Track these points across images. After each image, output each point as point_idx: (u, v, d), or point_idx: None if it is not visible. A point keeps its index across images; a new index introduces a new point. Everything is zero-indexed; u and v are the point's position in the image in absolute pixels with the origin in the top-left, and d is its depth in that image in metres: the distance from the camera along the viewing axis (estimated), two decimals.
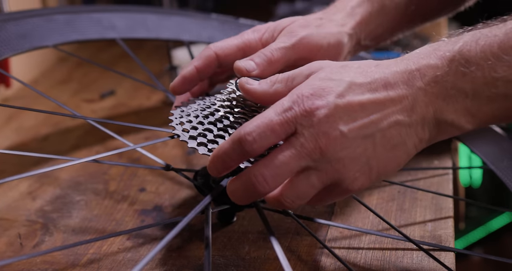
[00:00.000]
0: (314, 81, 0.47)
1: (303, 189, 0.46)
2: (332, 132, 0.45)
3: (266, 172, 0.45)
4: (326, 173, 0.46)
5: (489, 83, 0.45)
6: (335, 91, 0.46)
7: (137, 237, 0.59)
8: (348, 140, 0.45)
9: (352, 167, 0.46)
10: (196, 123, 0.55)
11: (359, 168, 0.46)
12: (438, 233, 0.58)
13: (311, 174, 0.46)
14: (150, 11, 0.81)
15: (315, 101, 0.46)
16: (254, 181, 0.46)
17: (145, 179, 0.70)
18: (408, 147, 0.47)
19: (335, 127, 0.45)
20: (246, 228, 0.61)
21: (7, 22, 0.70)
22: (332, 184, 0.47)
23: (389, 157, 0.47)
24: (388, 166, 0.47)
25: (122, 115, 0.87)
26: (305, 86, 0.47)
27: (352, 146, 0.45)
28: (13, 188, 0.69)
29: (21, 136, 0.82)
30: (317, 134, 0.45)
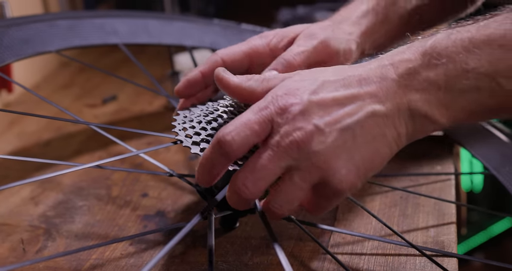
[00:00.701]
0: (288, 83, 0.47)
1: (288, 192, 0.45)
2: (307, 126, 0.44)
3: (247, 176, 0.45)
4: (308, 171, 0.45)
5: (460, 75, 0.45)
6: (308, 89, 0.46)
7: (139, 243, 0.59)
8: (325, 133, 0.45)
9: (334, 162, 0.45)
10: (199, 129, 0.55)
11: (342, 163, 0.45)
12: (441, 238, 0.58)
13: (293, 174, 0.45)
14: (152, 17, 0.81)
15: (289, 99, 0.45)
16: (237, 187, 0.45)
17: (148, 184, 0.70)
18: (388, 139, 0.46)
19: (309, 121, 0.45)
20: (249, 233, 0.61)
21: (10, 27, 0.70)
22: (320, 184, 0.46)
23: (372, 150, 0.46)
24: (374, 161, 0.46)
25: (124, 120, 0.87)
26: (280, 88, 0.47)
27: (330, 140, 0.45)
28: (16, 194, 0.69)
29: (23, 141, 0.82)
30: (292, 130, 0.44)
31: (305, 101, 0.45)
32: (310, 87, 0.46)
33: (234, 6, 1.34)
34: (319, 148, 0.44)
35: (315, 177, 0.45)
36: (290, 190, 0.45)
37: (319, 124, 0.45)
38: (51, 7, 1.03)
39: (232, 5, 1.35)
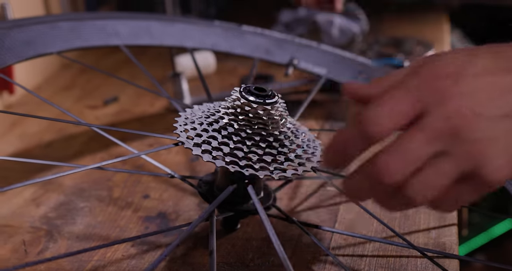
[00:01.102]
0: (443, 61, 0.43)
1: (431, 178, 0.41)
2: (465, 110, 0.40)
3: (389, 159, 0.40)
4: (461, 158, 0.40)
5: None
6: (469, 70, 0.42)
7: (141, 244, 0.59)
8: (485, 119, 0.40)
9: (492, 150, 0.40)
10: (200, 130, 0.55)
11: (499, 153, 0.40)
12: (442, 240, 0.58)
13: (442, 160, 0.41)
14: (154, 18, 0.81)
15: (447, 80, 0.41)
16: (376, 169, 0.41)
17: (149, 185, 0.70)
18: None
19: (470, 107, 0.40)
20: (250, 234, 0.61)
21: (11, 29, 0.70)
22: (469, 173, 0.41)
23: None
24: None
25: (125, 122, 0.87)
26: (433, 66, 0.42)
27: (490, 126, 0.40)
28: (18, 195, 0.69)
29: (25, 142, 0.82)
30: (449, 113, 0.40)
31: (466, 84, 0.41)
32: (471, 69, 0.42)
33: (235, 8, 1.34)
34: (477, 135, 0.40)
35: (467, 165, 0.41)
36: (434, 177, 0.41)
37: (482, 111, 0.41)
38: (52, 9, 1.03)
39: (233, 6, 1.35)
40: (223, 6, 1.29)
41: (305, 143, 0.58)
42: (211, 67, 1.01)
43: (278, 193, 0.67)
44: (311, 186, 0.69)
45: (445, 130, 0.40)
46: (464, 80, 0.41)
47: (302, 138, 0.58)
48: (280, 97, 0.56)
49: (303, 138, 0.58)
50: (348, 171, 0.46)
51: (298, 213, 0.64)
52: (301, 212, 0.64)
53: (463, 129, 0.40)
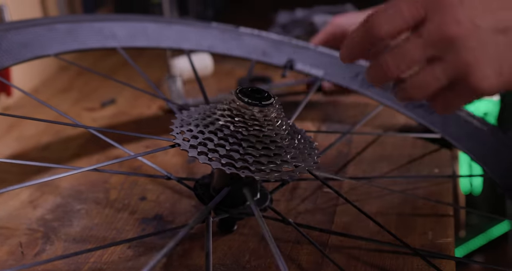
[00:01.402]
0: None
1: (426, 79, 0.45)
2: (464, 22, 0.43)
3: (389, 58, 0.45)
4: (452, 64, 0.44)
5: None
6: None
7: (137, 246, 0.59)
8: (482, 32, 0.43)
9: (482, 60, 0.43)
10: (196, 132, 0.55)
11: (490, 62, 0.43)
12: (439, 241, 0.58)
13: (436, 64, 0.44)
14: (151, 20, 0.81)
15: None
16: (379, 63, 0.46)
17: (146, 187, 0.70)
18: None
19: (469, 17, 0.43)
20: (247, 236, 0.61)
21: (8, 31, 0.70)
22: (458, 79, 0.44)
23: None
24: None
25: (122, 124, 0.88)
26: None
27: (484, 37, 0.43)
28: (14, 197, 0.69)
29: (22, 144, 0.82)
30: (448, 22, 0.43)
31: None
32: None
33: (232, 9, 1.34)
34: (471, 45, 0.43)
35: (458, 71, 0.44)
36: (428, 77, 0.45)
37: (479, 22, 0.43)
38: (50, 11, 1.03)
39: (231, 8, 1.35)
40: (221, 7, 1.29)
41: (301, 144, 0.58)
42: (208, 69, 1.01)
43: (275, 195, 0.67)
44: (308, 188, 0.69)
45: (441, 37, 0.43)
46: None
47: (298, 139, 0.58)
48: (276, 99, 0.56)
49: (299, 139, 0.58)
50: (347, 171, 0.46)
51: (295, 215, 0.64)
52: (298, 213, 0.64)
53: (458, 38, 0.43)
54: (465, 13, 0.43)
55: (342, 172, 0.72)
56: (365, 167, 0.72)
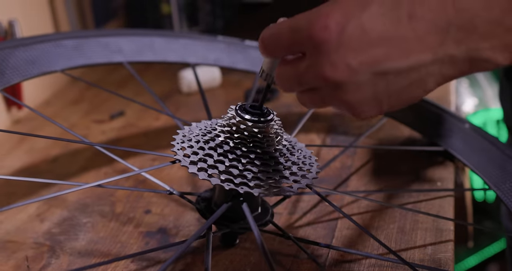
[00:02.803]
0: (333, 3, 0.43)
1: (309, 101, 0.47)
2: (339, 64, 0.42)
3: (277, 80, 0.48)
4: (329, 100, 0.45)
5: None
6: (353, 16, 0.42)
7: (141, 260, 0.60)
8: (357, 75, 0.42)
9: (358, 99, 0.44)
10: (197, 148, 0.56)
11: (367, 101, 0.44)
12: (438, 256, 0.59)
13: (315, 94, 0.46)
14: (157, 34, 0.82)
15: (328, 26, 0.42)
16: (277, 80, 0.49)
17: (151, 200, 0.71)
18: (428, 84, 0.43)
19: (344, 59, 0.42)
20: (248, 250, 0.61)
21: (16, 48, 0.71)
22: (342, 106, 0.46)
23: (404, 94, 0.43)
24: (402, 101, 0.44)
25: (131, 136, 0.89)
26: (322, 9, 0.43)
27: (360, 81, 0.43)
28: (22, 210, 0.70)
29: (32, 157, 0.84)
30: (324, 64, 0.43)
31: (344, 32, 0.42)
32: (355, 13, 0.42)
33: (241, 21, 1.35)
34: (346, 87, 0.43)
35: (335, 104, 0.46)
36: (309, 101, 0.47)
37: (353, 64, 0.42)
38: (61, 25, 1.05)
39: (240, 19, 1.36)
40: (231, 18, 1.30)
41: (300, 160, 0.58)
42: (216, 80, 1.02)
43: (278, 208, 0.68)
44: (310, 201, 0.69)
45: (316, 77, 0.44)
46: (346, 31, 0.42)
47: (297, 154, 0.59)
48: (276, 114, 0.57)
49: (299, 155, 0.59)
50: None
51: (296, 228, 0.65)
52: (299, 227, 0.65)
53: (333, 80, 0.43)
54: (341, 56, 0.42)
55: (344, 184, 0.72)
56: (368, 180, 0.73)
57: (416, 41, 0.41)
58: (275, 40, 0.46)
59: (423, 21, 0.41)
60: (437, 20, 0.41)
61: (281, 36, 0.45)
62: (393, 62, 0.42)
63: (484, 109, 1.49)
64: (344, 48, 0.42)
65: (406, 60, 0.42)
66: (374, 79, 0.43)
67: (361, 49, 0.42)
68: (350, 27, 0.42)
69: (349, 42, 0.42)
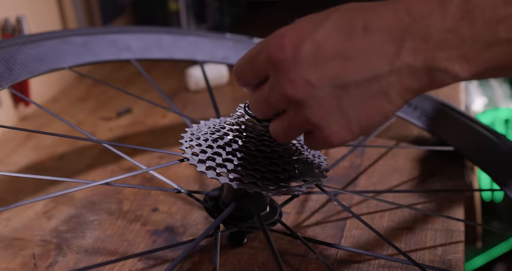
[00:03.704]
0: (295, 24, 0.45)
1: (280, 130, 0.48)
2: (298, 81, 0.43)
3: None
4: (297, 122, 0.45)
5: (491, 27, 0.40)
6: (307, 34, 0.43)
7: (148, 259, 0.60)
8: (317, 89, 0.43)
9: (324, 117, 0.44)
10: (205, 146, 0.56)
11: (334, 119, 0.44)
12: (448, 257, 0.58)
13: (284, 118, 0.46)
14: (165, 32, 0.82)
15: (283, 45, 0.43)
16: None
17: (158, 198, 0.71)
18: (391, 96, 0.43)
19: (301, 76, 0.43)
20: (256, 249, 0.61)
21: (25, 44, 0.71)
22: (312, 131, 0.46)
23: (370, 108, 0.43)
24: (371, 117, 0.44)
25: (138, 133, 0.88)
26: (278, 31, 0.45)
27: (321, 96, 0.43)
28: (29, 208, 0.70)
29: (39, 154, 0.84)
30: (283, 83, 0.43)
31: (300, 50, 0.43)
32: (309, 32, 0.43)
33: (250, 17, 1.34)
34: (309, 103, 0.43)
35: (304, 127, 0.46)
36: (281, 129, 0.47)
37: (312, 79, 0.43)
38: (68, 21, 1.05)
39: (248, 16, 1.35)
40: (239, 16, 1.29)
41: (309, 159, 0.58)
42: (224, 78, 1.01)
43: (287, 207, 0.67)
44: (319, 200, 0.69)
45: (278, 97, 0.44)
46: (301, 48, 0.43)
47: (307, 153, 0.58)
48: None
49: (308, 154, 0.58)
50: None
51: (305, 228, 0.64)
52: (308, 227, 0.64)
53: (295, 98, 0.43)
54: (299, 73, 0.43)
55: (353, 184, 0.72)
56: (377, 179, 0.72)
57: (372, 52, 0.42)
58: (241, 69, 0.48)
59: (379, 31, 0.42)
60: (392, 29, 0.41)
61: (245, 64, 0.47)
62: (351, 75, 0.42)
63: (492, 109, 1.48)
64: (301, 65, 0.43)
65: (364, 71, 0.42)
66: (334, 92, 0.43)
67: (318, 65, 0.42)
68: (305, 45, 0.43)
69: (306, 59, 0.43)
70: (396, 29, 0.41)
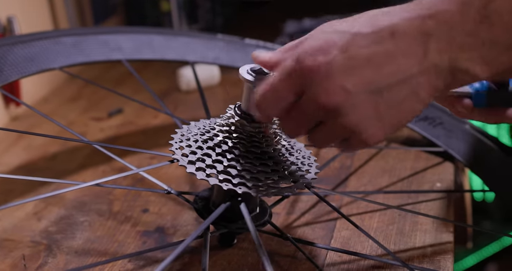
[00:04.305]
0: (317, 35, 0.46)
1: (319, 139, 0.49)
2: (333, 89, 0.44)
3: (286, 126, 0.50)
4: (334, 129, 0.46)
5: (509, 31, 0.42)
6: (338, 45, 0.44)
7: (138, 260, 0.60)
8: (352, 95, 0.44)
9: (361, 122, 0.45)
10: (195, 148, 0.56)
11: (370, 123, 0.45)
12: (437, 258, 0.58)
13: (322, 128, 0.47)
14: (156, 32, 0.82)
15: (317, 57, 0.45)
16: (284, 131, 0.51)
17: (149, 199, 0.71)
18: (421, 96, 0.45)
19: (336, 84, 0.44)
20: (246, 250, 0.61)
21: (15, 45, 0.71)
22: (349, 137, 0.47)
23: (403, 109, 0.45)
24: (402, 117, 0.46)
25: (129, 134, 0.88)
26: (308, 41, 0.46)
27: (357, 102, 0.44)
28: (20, 208, 0.70)
29: (31, 154, 0.83)
30: (319, 93, 0.45)
31: (332, 60, 0.44)
32: (339, 43, 0.44)
33: (241, 18, 1.34)
34: (346, 111, 0.45)
35: (342, 134, 0.47)
36: (320, 138, 0.49)
37: (347, 86, 0.44)
38: (60, 21, 1.04)
39: (240, 16, 1.35)
40: (230, 16, 1.29)
41: (299, 160, 0.58)
42: (215, 79, 1.01)
43: (277, 208, 0.67)
44: (309, 201, 0.69)
45: (316, 108, 0.46)
46: (331, 58, 0.44)
47: (296, 155, 0.59)
48: None
49: (298, 155, 0.59)
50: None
51: (294, 229, 0.64)
52: (297, 227, 0.65)
53: (332, 106, 0.45)
54: (333, 81, 0.44)
55: (344, 185, 0.72)
56: (367, 180, 0.72)
57: (401, 55, 0.44)
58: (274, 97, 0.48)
59: (406, 35, 0.44)
60: (418, 32, 0.44)
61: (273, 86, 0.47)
62: (384, 79, 0.44)
63: None
64: (335, 74, 0.44)
65: (396, 74, 0.44)
66: (369, 98, 0.45)
67: (351, 72, 0.44)
68: (336, 54, 0.44)
69: (338, 67, 0.44)
70: (421, 32, 0.44)
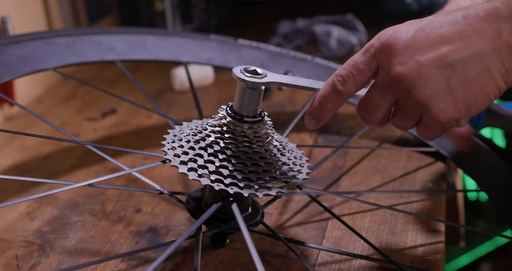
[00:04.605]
0: (395, 26, 0.50)
1: (400, 120, 0.51)
2: (409, 62, 0.47)
3: (363, 110, 0.51)
4: (409, 104, 0.48)
5: None
6: (414, 26, 0.48)
7: (130, 259, 0.60)
8: (426, 69, 0.47)
9: (433, 96, 0.47)
10: (187, 148, 0.56)
11: (442, 97, 0.47)
12: (428, 257, 0.59)
13: (398, 108, 0.50)
14: (150, 33, 0.82)
15: (394, 34, 0.48)
16: (358, 115, 0.52)
17: (142, 199, 0.71)
18: (494, 74, 0.47)
19: (412, 57, 0.47)
20: (238, 250, 0.61)
21: (8, 45, 0.71)
22: (422, 116, 0.49)
23: (475, 85, 0.47)
24: (477, 96, 0.48)
25: (123, 134, 0.88)
26: (386, 29, 0.50)
27: (431, 75, 0.47)
28: (13, 209, 0.70)
29: (23, 154, 0.83)
30: (394, 65, 0.48)
31: (409, 37, 0.48)
32: (416, 25, 0.49)
33: (235, 18, 1.35)
34: (419, 83, 0.47)
35: (417, 109, 0.49)
36: (399, 120, 0.51)
37: (421, 60, 0.47)
38: (54, 21, 1.04)
39: (234, 17, 1.36)
40: (224, 16, 1.30)
41: (291, 160, 0.58)
42: (209, 79, 1.02)
43: (269, 208, 0.68)
44: (301, 201, 0.69)
45: (391, 79, 0.48)
46: (409, 34, 0.48)
47: (288, 155, 0.59)
48: (267, 115, 0.57)
49: (290, 155, 0.59)
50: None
51: (286, 229, 0.65)
52: (289, 227, 0.65)
53: (405, 77, 0.47)
54: (409, 54, 0.47)
55: (336, 185, 0.72)
56: (359, 180, 0.73)
57: (475, 34, 0.47)
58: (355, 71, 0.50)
59: (478, 18, 0.47)
60: (490, 15, 0.47)
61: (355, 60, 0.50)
62: (457, 54, 0.47)
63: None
64: (411, 49, 0.47)
65: (468, 49, 0.47)
66: (442, 72, 0.47)
67: (426, 49, 0.47)
68: (413, 33, 0.48)
69: (415, 44, 0.47)
70: (493, 15, 0.47)
